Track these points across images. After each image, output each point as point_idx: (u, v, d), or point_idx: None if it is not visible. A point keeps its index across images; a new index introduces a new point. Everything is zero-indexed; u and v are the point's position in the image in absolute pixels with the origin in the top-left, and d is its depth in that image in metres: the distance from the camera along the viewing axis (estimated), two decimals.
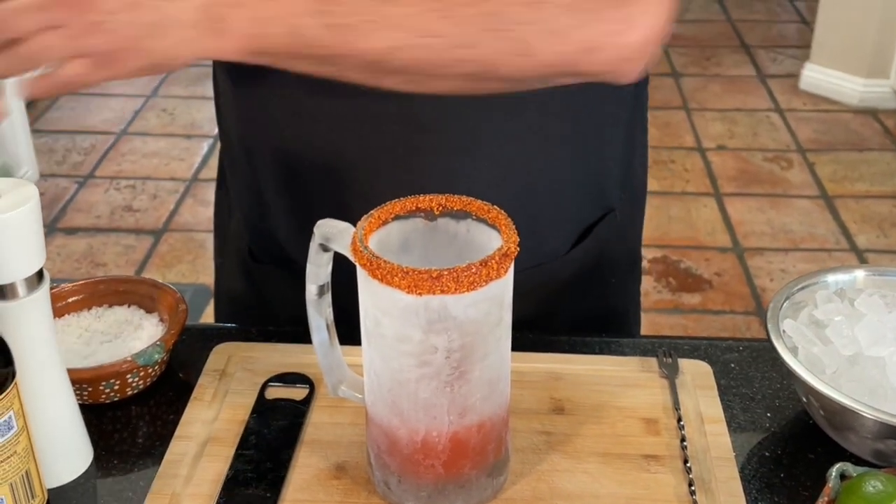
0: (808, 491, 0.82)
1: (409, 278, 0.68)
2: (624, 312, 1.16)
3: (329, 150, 0.93)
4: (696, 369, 0.92)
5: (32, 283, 0.76)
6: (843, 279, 0.93)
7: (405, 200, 0.75)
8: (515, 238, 0.71)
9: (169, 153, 3.62)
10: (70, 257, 3.01)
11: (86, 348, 0.92)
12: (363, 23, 0.76)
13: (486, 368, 0.73)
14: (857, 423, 0.80)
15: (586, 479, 0.81)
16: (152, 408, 0.91)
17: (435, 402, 0.73)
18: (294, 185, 0.98)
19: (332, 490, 0.80)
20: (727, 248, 3.08)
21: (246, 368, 0.93)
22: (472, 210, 0.75)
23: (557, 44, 0.78)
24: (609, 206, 1.05)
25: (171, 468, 0.82)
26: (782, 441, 0.87)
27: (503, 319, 0.73)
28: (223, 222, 1.16)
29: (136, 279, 1.00)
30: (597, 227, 1.04)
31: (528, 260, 0.82)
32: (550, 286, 1.03)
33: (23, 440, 0.72)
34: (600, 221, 1.04)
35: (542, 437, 0.85)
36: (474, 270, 0.68)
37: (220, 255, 1.19)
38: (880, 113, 3.92)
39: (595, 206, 1.04)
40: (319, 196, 0.96)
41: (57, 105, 3.96)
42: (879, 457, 0.82)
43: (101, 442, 0.86)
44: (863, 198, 3.36)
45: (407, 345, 0.71)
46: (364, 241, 0.72)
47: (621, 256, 1.11)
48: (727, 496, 0.79)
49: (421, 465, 0.76)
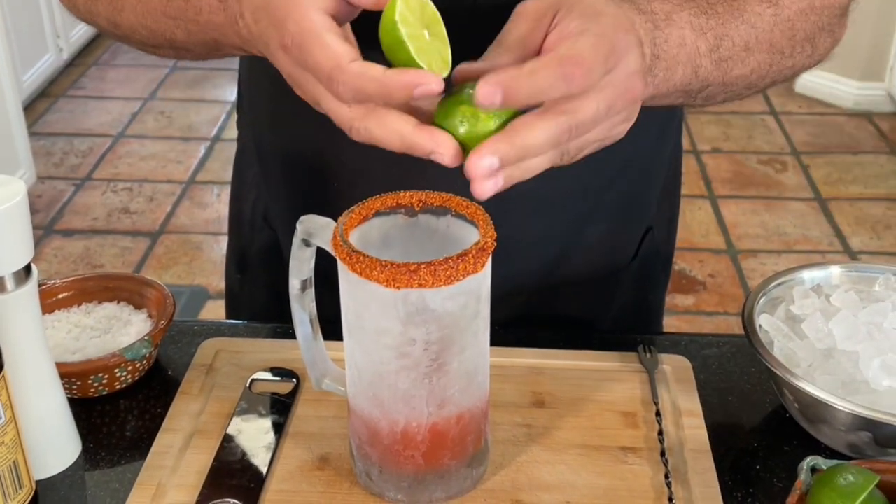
0: (783, 483, 0.83)
1: (387, 272, 0.69)
2: (655, 315, 1.19)
3: (351, 156, 0.94)
4: (675, 364, 0.94)
5: (21, 278, 0.77)
6: (819, 275, 0.94)
7: (386, 196, 0.77)
8: (493, 234, 0.73)
9: (166, 156, 3.64)
10: (67, 259, 3.02)
11: (75, 343, 0.93)
12: (739, 52, 0.79)
13: (464, 361, 0.75)
14: (831, 416, 0.82)
15: (565, 470, 0.82)
16: (140, 402, 0.92)
17: (414, 394, 0.74)
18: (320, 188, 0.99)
19: (315, 481, 0.81)
20: (721, 250, 3.09)
21: (232, 363, 0.94)
22: (452, 206, 0.76)
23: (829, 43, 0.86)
24: (648, 224, 1.08)
25: (157, 460, 0.83)
26: (758, 434, 0.89)
27: (480, 313, 0.75)
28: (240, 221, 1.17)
29: (125, 276, 1.01)
30: (640, 249, 1.08)
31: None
32: (597, 300, 1.08)
33: (10, 431, 0.74)
34: (641, 243, 1.08)
35: (522, 430, 0.86)
36: (451, 265, 0.70)
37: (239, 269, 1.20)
38: (875, 116, 3.94)
39: (635, 225, 1.07)
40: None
41: (54, 108, 3.98)
42: (853, 449, 0.84)
43: (90, 435, 0.88)
44: (857, 200, 3.38)
45: (386, 337, 0.73)
46: (345, 236, 0.73)
47: (657, 266, 1.14)
48: (702, 487, 0.81)
49: (401, 456, 0.77)
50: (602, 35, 0.65)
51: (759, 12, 0.81)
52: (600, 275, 1.06)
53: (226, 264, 1.23)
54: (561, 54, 0.64)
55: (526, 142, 0.64)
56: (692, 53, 0.76)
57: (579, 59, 0.63)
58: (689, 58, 0.76)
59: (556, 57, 0.64)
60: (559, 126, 0.65)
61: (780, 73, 0.85)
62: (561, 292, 1.06)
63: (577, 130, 0.65)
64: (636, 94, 0.69)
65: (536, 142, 0.65)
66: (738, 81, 0.82)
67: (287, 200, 1.04)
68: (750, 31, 0.80)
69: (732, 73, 0.80)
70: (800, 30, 0.83)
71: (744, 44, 0.80)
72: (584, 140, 0.68)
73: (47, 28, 3.98)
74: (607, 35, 0.66)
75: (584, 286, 1.06)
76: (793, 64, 0.85)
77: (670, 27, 0.75)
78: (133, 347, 0.90)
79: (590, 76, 0.64)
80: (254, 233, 1.12)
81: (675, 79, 0.76)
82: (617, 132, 0.70)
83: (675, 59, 0.75)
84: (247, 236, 1.14)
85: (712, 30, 0.77)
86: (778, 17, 0.82)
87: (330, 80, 0.64)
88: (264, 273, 1.13)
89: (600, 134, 0.69)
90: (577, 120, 0.65)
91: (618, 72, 0.66)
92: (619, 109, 0.68)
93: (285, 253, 1.01)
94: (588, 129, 0.66)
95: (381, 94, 0.63)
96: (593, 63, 0.64)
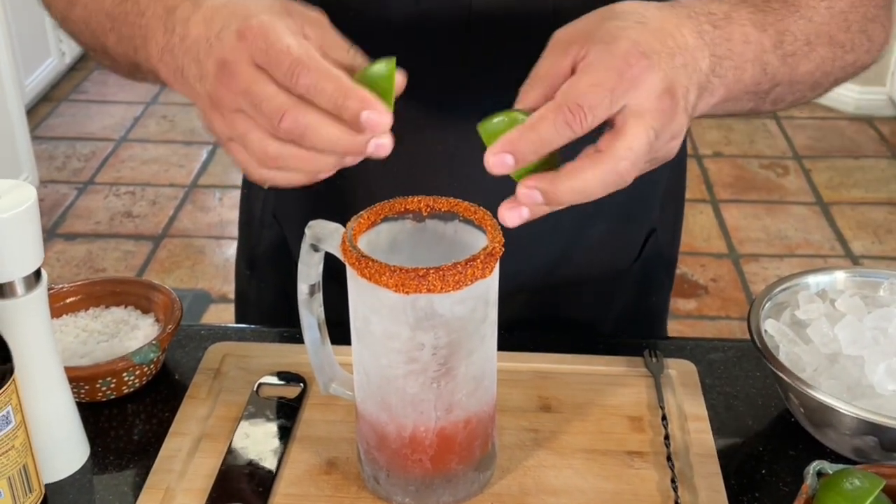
0: (789, 487, 0.83)
1: (396, 277, 0.70)
2: (659, 317, 1.20)
3: None
4: (681, 368, 0.94)
5: (31, 282, 0.78)
6: (824, 280, 0.95)
7: (394, 202, 0.77)
8: (500, 238, 0.73)
9: (168, 160, 3.65)
10: (69, 263, 3.03)
11: (83, 347, 0.94)
12: (802, 47, 0.79)
13: (471, 365, 0.75)
14: (836, 420, 0.82)
15: (572, 474, 0.83)
16: (148, 406, 0.92)
17: (422, 398, 0.75)
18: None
19: (322, 485, 0.82)
20: (723, 255, 3.10)
21: (240, 367, 0.95)
22: (459, 211, 0.77)
23: (882, 36, 0.87)
24: (651, 226, 1.09)
25: (165, 464, 0.83)
26: (764, 438, 0.89)
27: (488, 317, 0.75)
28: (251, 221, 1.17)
29: (132, 280, 1.02)
30: (643, 251, 1.08)
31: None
32: (600, 300, 1.09)
33: (20, 435, 0.74)
34: (644, 244, 1.08)
35: (529, 434, 0.87)
36: (460, 269, 0.70)
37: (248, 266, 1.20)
38: (876, 120, 3.94)
39: (638, 226, 1.08)
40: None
41: (57, 112, 3.99)
42: (858, 453, 0.84)
43: (98, 439, 0.88)
44: (858, 204, 3.38)
45: (395, 342, 0.73)
46: (353, 241, 0.74)
47: (661, 269, 1.15)
48: (709, 491, 0.81)
49: (409, 460, 0.78)
50: (607, 69, 0.66)
51: (813, 6, 0.80)
52: (602, 275, 1.07)
53: (236, 263, 1.23)
54: (559, 101, 0.65)
55: (574, 185, 0.66)
56: (758, 51, 0.75)
57: (577, 102, 0.64)
58: (756, 55, 0.75)
59: (555, 104, 0.65)
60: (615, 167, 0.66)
61: (843, 70, 0.84)
62: (562, 292, 1.06)
63: (634, 167, 0.66)
64: (671, 111, 0.68)
65: (588, 186, 0.66)
66: (804, 79, 0.81)
67: (296, 200, 1.05)
68: (808, 24, 0.79)
69: (799, 70, 0.80)
70: (853, 21, 0.83)
71: (805, 38, 0.79)
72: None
73: (50, 32, 3.98)
74: (613, 67, 0.66)
75: (585, 286, 1.07)
76: (854, 59, 0.84)
77: (731, 25, 0.74)
78: (141, 351, 0.90)
79: (593, 114, 0.65)
80: (263, 229, 1.13)
81: (745, 78, 0.75)
82: (666, 151, 0.70)
83: (742, 56, 0.74)
84: (256, 233, 1.14)
85: (772, 25, 0.77)
86: (832, 10, 0.81)
87: (293, 68, 0.63)
88: (273, 270, 1.13)
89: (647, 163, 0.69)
90: (633, 157, 0.66)
91: (642, 97, 0.66)
92: (662, 132, 0.67)
93: (294, 250, 1.01)
94: (643, 160, 0.67)
95: (337, 94, 0.63)
96: (593, 101, 0.65)
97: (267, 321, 1.14)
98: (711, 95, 0.74)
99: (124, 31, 0.78)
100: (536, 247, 1.00)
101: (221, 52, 0.66)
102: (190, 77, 0.70)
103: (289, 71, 0.64)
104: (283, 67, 0.64)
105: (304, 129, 0.64)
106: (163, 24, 0.73)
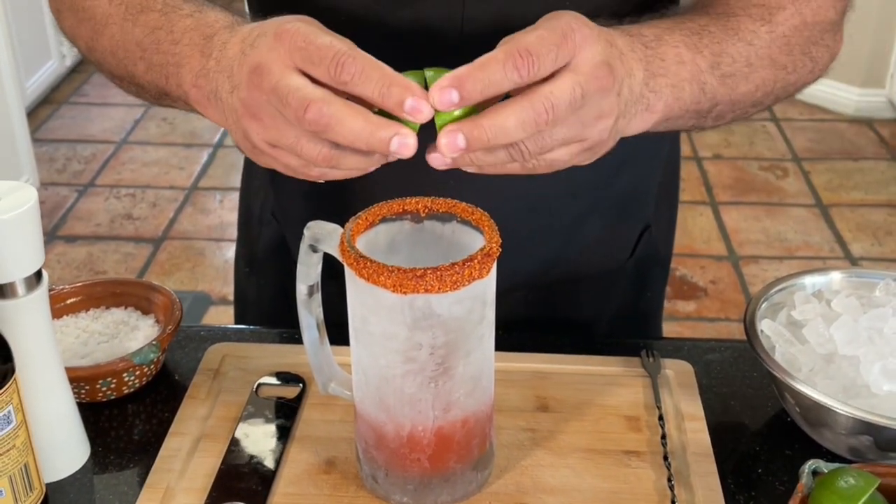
0: (784, 486, 0.84)
1: (394, 277, 0.70)
2: (654, 315, 1.20)
3: None
4: (677, 369, 0.95)
5: (31, 283, 0.78)
6: (820, 281, 0.95)
7: (392, 203, 0.78)
8: (498, 239, 0.74)
9: (168, 162, 3.65)
10: (70, 265, 3.03)
11: (83, 348, 0.94)
12: (741, 68, 0.81)
13: (469, 365, 0.75)
14: (832, 420, 0.83)
15: (569, 473, 0.83)
16: (148, 406, 0.93)
17: (420, 398, 0.75)
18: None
19: (321, 484, 0.82)
20: (723, 257, 3.10)
21: (239, 368, 0.95)
22: (457, 212, 0.77)
23: (827, 57, 0.90)
24: (645, 223, 1.09)
25: (165, 463, 0.84)
26: (760, 438, 0.90)
27: (486, 317, 0.76)
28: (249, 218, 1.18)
29: (132, 281, 1.02)
30: (637, 247, 1.09)
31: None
32: (595, 297, 1.09)
33: (21, 434, 0.75)
34: (639, 241, 1.09)
35: (526, 434, 0.87)
36: (457, 270, 0.70)
37: (248, 265, 1.20)
38: (875, 122, 3.94)
39: (632, 223, 1.08)
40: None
41: (58, 114, 4.00)
42: (853, 453, 0.84)
43: (98, 439, 0.89)
44: (858, 206, 3.39)
45: (393, 342, 0.74)
46: (352, 241, 0.74)
47: (655, 266, 1.15)
48: (705, 490, 0.81)
49: (407, 459, 0.78)
50: (551, 28, 0.68)
51: (753, 30, 0.83)
52: (597, 272, 1.08)
53: (235, 262, 1.24)
54: (508, 46, 0.66)
55: (496, 122, 0.66)
56: (694, 70, 0.78)
57: (527, 48, 0.66)
58: (693, 75, 0.78)
59: (504, 48, 0.66)
60: (532, 106, 0.66)
61: (785, 90, 0.87)
62: (558, 289, 1.07)
63: (555, 112, 0.66)
64: (605, 83, 0.69)
65: (506, 121, 0.66)
66: (745, 98, 0.83)
67: (295, 199, 1.05)
68: (748, 47, 0.82)
69: (739, 90, 0.82)
70: (796, 45, 0.85)
71: (744, 60, 0.81)
72: (553, 139, 0.68)
73: (50, 35, 3.99)
74: (557, 28, 0.68)
75: (580, 284, 1.07)
76: (795, 79, 0.87)
77: (663, 46, 0.77)
78: (141, 352, 0.91)
79: (539, 62, 0.66)
80: (262, 227, 1.14)
81: (684, 97, 0.77)
82: (594, 134, 0.71)
83: (677, 75, 0.77)
84: (255, 231, 1.15)
85: (707, 47, 0.79)
86: (773, 34, 0.83)
87: (337, 58, 0.65)
88: (272, 268, 1.14)
89: (571, 130, 0.69)
90: (555, 98, 0.66)
91: (580, 59, 0.68)
92: (590, 98, 0.68)
93: (293, 249, 1.02)
94: (564, 112, 0.67)
95: (383, 80, 0.65)
96: (540, 50, 0.66)
97: (266, 319, 1.14)
98: (650, 112, 0.76)
99: (155, 59, 0.80)
100: (532, 244, 1.01)
101: (256, 56, 0.68)
102: (223, 93, 0.72)
103: (333, 61, 0.65)
104: (326, 60, 0.65)
105: (328, 119, 0.65)
106: (199, 51, 0.75)
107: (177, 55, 0.77)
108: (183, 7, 0.80)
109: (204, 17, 0.78)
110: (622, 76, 0.72)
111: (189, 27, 0.77)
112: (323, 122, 0.65)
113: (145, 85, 0.84)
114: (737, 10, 0.84)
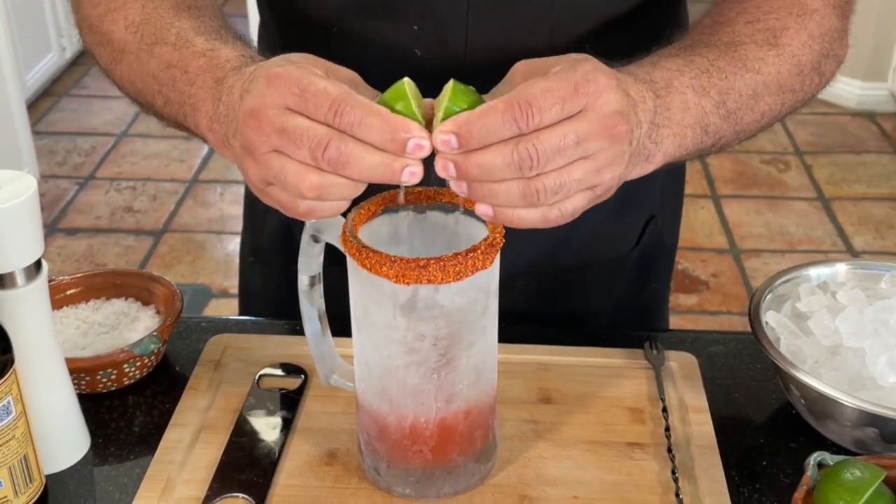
0: (790, 478, 0.83)
1: (396, 268, 0.70)
2: (658, 306, 1.20)
3: None
4: (681, 360, 0.94)
5: (31, 273, 0.78)
6: (826, 273, 0.95)
7: (394, 192, 0.77)
8: (501, 230, 0.73)
9: (169, 155, 3.64)
10: (70, 258, 3.03)
11: (83, 339, 0.94)
12: (746, 101, 0.81)
13: (472, 356, 0.75)
14: (837, 412, 0.82)
15: (572, 465, 0.83)
16: (148, 397, 0.92)
17: (422, 389, 0.75)
18: None
19: (323, 476, 0.82)
20: (724, 250, 3.10)
21: (240, 359, 0.95)
22: (461, 203, 0.76)
23: (834, 66, 0.89)
24: (651, 212, 1.09)
25: (166, 454, 0.83)
26: (765, 430, 0.89)
27: (489, 308, 0.75)
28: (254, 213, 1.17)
29: (132, 272, 1.02)
30: (642, 238, 1.08)
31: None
32: (599, 287, 1.09)
33: (21, 425, 0.74)
34: (644, 231, 1.08)
35: (529, 426, 0.87)
36: (461, 260, 0.70)
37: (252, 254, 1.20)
38: (878, 116, 3.94)
39: (637, 213, 1.08)
40: None
41: (58, 107, 3.99)
42: (859, 445, 0.84)
43: (99, 430, 0.88)
44: (860, 200, 3.38)
45: (395, 333, 0.73)
46: (354, 232, 0.73)
47: (660, 257, 1.15)
48: (709, 482, 0.81)
49: (409, 451, 0.78)
50: (564, 79, 0.66)
51: (760, 57, 0.82)
52: (601, 262, 1.07)
53: (240, 251, 1.24)
54: (512, 96, 0.66)
55: (482, 160, 0.66)
56: (698, 115, 0.77)
57: (530, 100, 0.65)
58: (696, 120, 0.77)
59: (507, 98, 0.65)
60: (516, 147, 0.65)
61: (792, 108, 0.87)
62: (562, 279, 1.06)
63: (539, 158, 0.65)
64: (617, 133, 0.68)
65: (493, 160, 0.65)
66: (750, 127, 0.84)
67: None
68: (756, 77, 0.81)
69: (743, 122, 0.82)
70: (806, 62, 0.84)
71: (751, 92, 0.81)
72: (563, 179, 0.67)
73: (50, 27, 3.99)
74: (570, 79, 0.66)
75: (584, 273, 1.07)
76: (803, 97, 0.87)
77: (671, 94, 0.76)
78: (141, 343, 0.90)
79: (541, 115, 0.65)
80: (267, 215, 1.13)
81: (686, 143, 0.77)
82: (606, 178, 0.70)
83: (680, 124, 0.76)
84: (260, 220, 1.15)
85: (715, 86, 0.79)
86: (782, 57, 0.83)
87: (335, 105, 0.65)
88: (276, 257, 1.13)
89: (582, 173, 0.68)
90: (540, 145, 0.65)
91: (593, 110, 0.67)
92: (597, 147, 0.67)
93: (297, 237, 1.01)
94: (551, 157, 0.66)
95: (385, 127, 0.65)
96: (543, 103, 0.65)
97: (271, 309, 1.14)
98: (649, 162, 0.76)
99: (172, 96, 0.80)
100: (536, 233, 1.00)
101: (251, 101, 0.69)
102: (230, 137, 0.73)
103: (331, 110, 0.65)
104: (323, 108, 0.66)
105: (346, 157, 0.66)
106: (211, 95, 0.76)
107: (193, 97, 0.78)
108: (195, 42, 0.80)
109: (216, 58, 0.78)
110: (634, 125, 0.71)
111: (202, 68, 0.78)
112: (342, 161, 0.66)
113: (165, 116, 0.85)
114: (743, 38, 0.83)
